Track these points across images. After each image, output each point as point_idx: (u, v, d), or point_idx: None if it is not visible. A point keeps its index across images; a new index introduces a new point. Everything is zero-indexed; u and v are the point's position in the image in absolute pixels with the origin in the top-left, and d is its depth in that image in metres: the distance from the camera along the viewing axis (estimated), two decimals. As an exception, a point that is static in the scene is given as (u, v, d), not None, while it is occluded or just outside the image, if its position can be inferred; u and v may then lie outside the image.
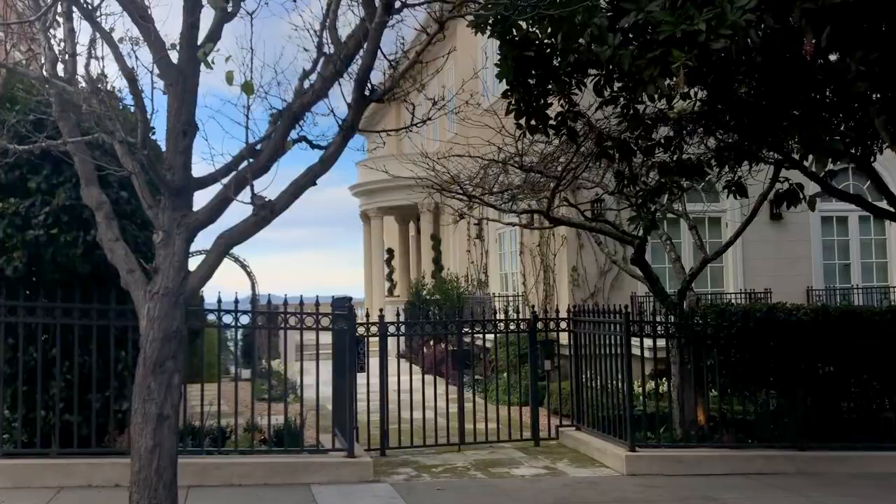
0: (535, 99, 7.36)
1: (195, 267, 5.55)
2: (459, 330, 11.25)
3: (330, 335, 9.82)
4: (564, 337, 11.53)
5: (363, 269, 29.99)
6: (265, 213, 5.28)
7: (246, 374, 16.58)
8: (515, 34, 6.85)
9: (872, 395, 10.11)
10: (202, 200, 5.52)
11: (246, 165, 5.43)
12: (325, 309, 9.45)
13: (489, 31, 6.87)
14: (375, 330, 10.28)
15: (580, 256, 15.27)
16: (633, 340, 9.68)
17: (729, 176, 8.74)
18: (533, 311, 12.22)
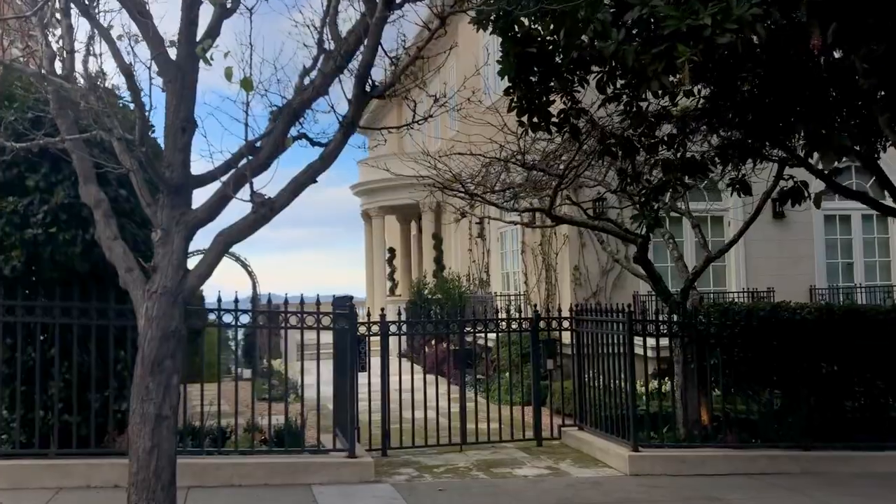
0: (537, 96, 7.31)
1: (194, 265, 5.51)
2: (461, 329, 11.20)
3: (331, 335, 9.77)
4: (567, 336, 11.47)
5: (364, 268, 29.97)
6: (264, 210, 5.22)
7: (247, 373, 16.54)
8: (517, 30, 6.80)
9: (877, 394, 10.05)
10: (201, 198, 5.48)
11: (245, 163, 5.38)
12: (325, 308, 9.42)
13: (491, 27, 6.81)
14: (377, 329, 10.23)
15: (582, 255, 15.21)
16: (636, 339, 9.62)
17: (732, 174, 8.68)
18: (535, 310, 12.17)
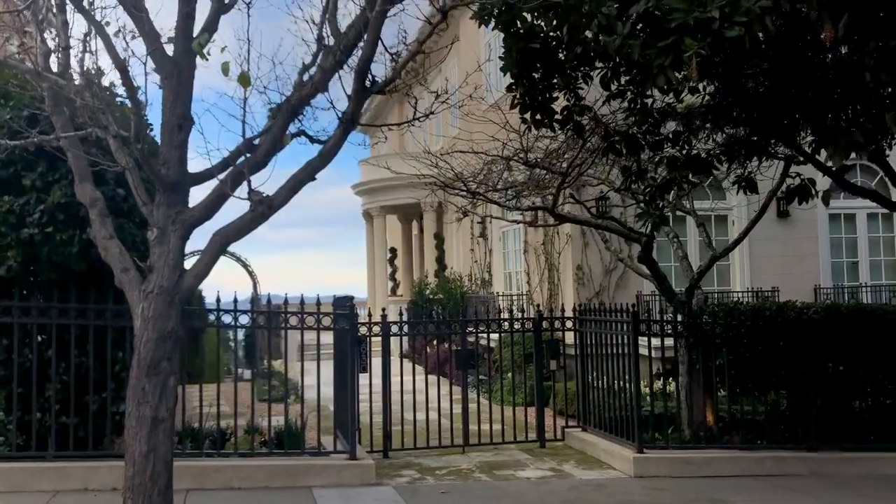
0: (540, 93, 7.19)
1: (191, 265, 5.41)
2: (463, 329, 11.09)
3: (332, 335, 9.67)
4: (570, 336, 11.36)
5: (366, 268, 29.89)
6: (263, 208, 5.13)
7: (247, 374, 16.45)
8: (520, 26, 6.67)
9: (885, 394, 9.93)
10: (198, 197, 5.39)
11: (243, 160, 5.29)
12: (326, 308, 9.32)
13: (493, 22, 6.69)
14: (378, 330, 10.14)
15: (585, 255, 15.11)
16: (640, 340, 9.52)
17: (738, 171, 8.56)
18: (538, 310, 12.07)
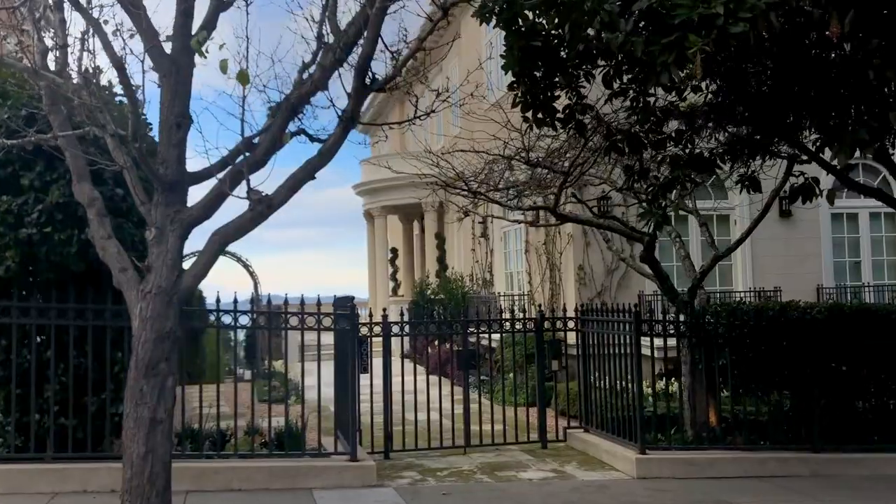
0: (541, 91, 7.13)
1: (190, 265, 5.37)
2: (464, 330, 11.04)
3: (332, 336, 9.62)
4: (572, 336, 11.31)
5: (367, 268, 29.85)
6: (262, 208, 5.08)
7: (247, 375, 16.39)
8: (521, 24, 6.62)
9: (889, 395, 9.86)
10: (197, 196, 5.35)
11: (242, 159, 5.24)
12: (326, 309, 9.26)
13: (494, 20, 6.64)
14: (379, 330, 10.08)
15: (587, 255, 15.04)
16: (642, 340, 9.46)
17: (741, 170, 8.51)
18: (540, 310, 12.01)
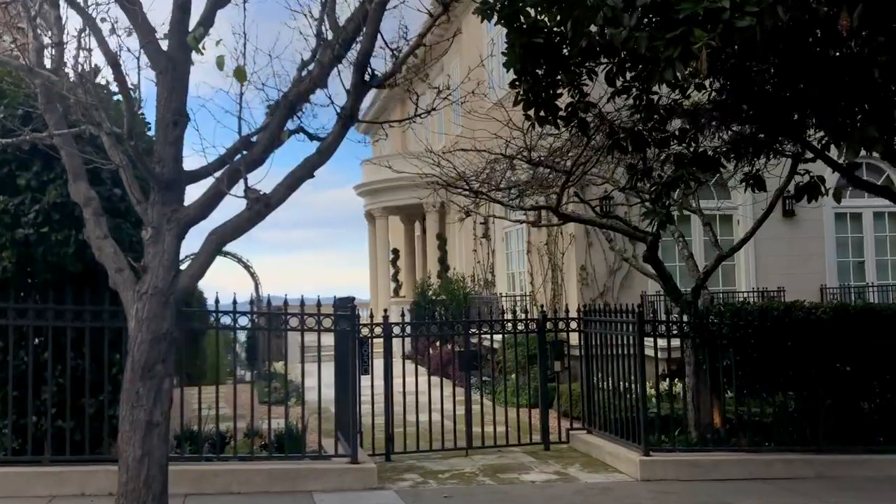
0: (543, 89, 7.05)
1: (187, 265, 5.29)
2: (466, 330, 10.95)
3: (333, 337, 9.54)
4: (574, 337, 11.22)
5: (368, 269, 29.80)
6: (259, 206, 5.00)
7: (248, 376, 16.32)
8: (523, 21, 6.55)
9: (894, 395, 9.77)
10: (194, 195, 5.27)
11: (240, 158, 5.16)
12: (327, 310, 9.18)
13: (496, 17, 6.57)
14: (380, 331, 10.00)
15: (589, 255, 14.95)
16: (645, 340, 9.37)
17: (746, 169, 8.41)
18: (542, 310, 11.91)
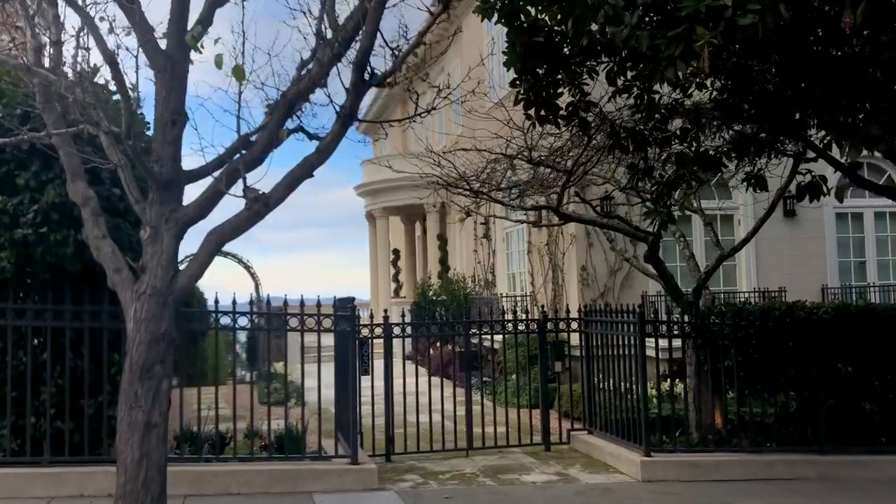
0: (544, 88, 7.04)
1: (185, 265, 5.26)
2: (467, 331, 10.92)
3: (333, 337, 9.51)
4: (575, 338, 11.19)
5: (368, 269, 29.76)
6: (258, 206, 4.97)
7: (248, 377, 16.29)
8: (524, 20, 6.53)
9: (897, 396, 9.75)
10: (193, 195, 5.25)
11: (239, 157, 5.13)
12: (327, 310, 9.15)
13: (496, 16, 6.55)
14: (380, 331, 9.97)
15: (589, 255, 14.93)
16: (647, 341, 9.33)
17: (747, 168, 8.38)
18: (543, 311, 11.89)
